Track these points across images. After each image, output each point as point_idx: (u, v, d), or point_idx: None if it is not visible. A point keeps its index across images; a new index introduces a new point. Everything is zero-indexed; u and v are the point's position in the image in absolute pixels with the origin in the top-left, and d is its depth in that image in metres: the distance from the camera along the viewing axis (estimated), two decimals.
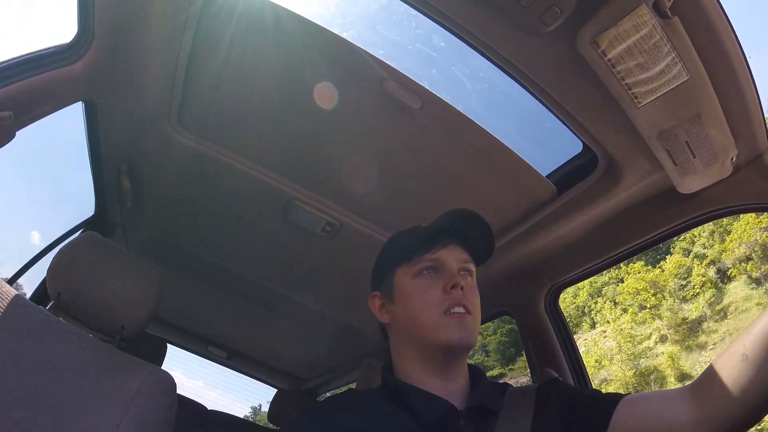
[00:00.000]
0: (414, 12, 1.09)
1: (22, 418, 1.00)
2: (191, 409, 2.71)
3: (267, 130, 1.47)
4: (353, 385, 2.74)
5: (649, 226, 1.41)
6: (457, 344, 0.89)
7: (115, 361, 1.18)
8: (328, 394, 3.37)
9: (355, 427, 0.84)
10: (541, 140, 1.52)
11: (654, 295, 33.38)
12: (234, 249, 2.13)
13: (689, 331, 30.13)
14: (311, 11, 1.16)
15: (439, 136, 1.37)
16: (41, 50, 1.19)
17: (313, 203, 1.69)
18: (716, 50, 0.95)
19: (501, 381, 1.07)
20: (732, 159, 1.12)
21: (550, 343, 1.68)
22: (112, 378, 1.13)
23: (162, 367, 1.57)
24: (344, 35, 1.20)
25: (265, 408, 3.40)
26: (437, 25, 1.11)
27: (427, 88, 1.27)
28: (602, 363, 32.14)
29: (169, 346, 2.73)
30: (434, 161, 1.47)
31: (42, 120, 1.26)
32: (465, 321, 0.90)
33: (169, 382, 1.19)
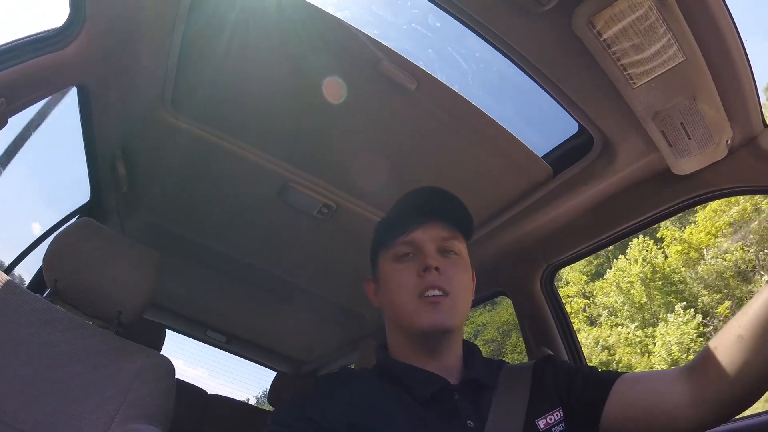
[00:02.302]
0: None
1: (22, 402, 1.01)
2: (191, 393, 2.74)
3: (262, 113, 1.46)
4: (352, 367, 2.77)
5: (644, 207, 1.42)
6: (430, 329, 0.87)
7: (114, 347, 1.19)
8: None
9: (350, 406, 0.84)
10: (537, 121, 1.52)
11: None
12: (231, 232, 2.14)
13: None
14: None
15: (435, 116, 1.37)
16: (32, 35, 1.17)
17: (309, 185, 1.69)
18: (712, 32, 0.95)
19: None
20: (727, 141, 1.12)
21: (546, 323, 1.71)
22: (111, 363, 1.15)
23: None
24: (339, 15, 1.19)
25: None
26: (432, 5, 1.09)
27: (423, 68, 1.26)
28: None
29: (168, 333, 2.74)
30: (430, 142, 1.46)
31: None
32: (440, 304, 0.87)
33: (168, 367, 1.21)
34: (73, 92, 1.42)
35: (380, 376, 0.92)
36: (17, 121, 1.23)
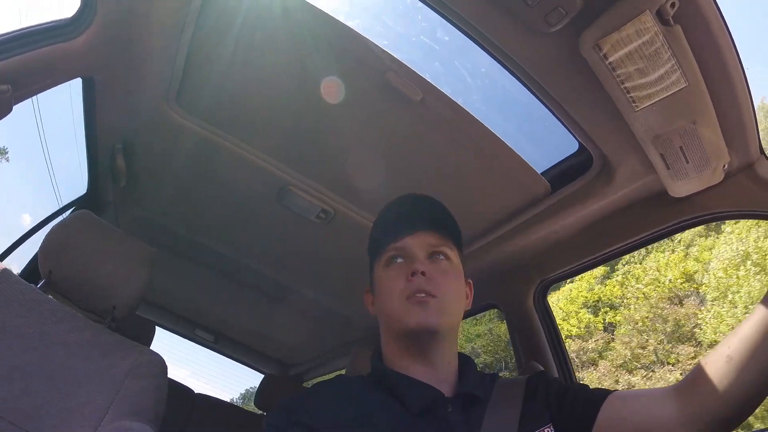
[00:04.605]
0: (419, 4, 1.09)
1: (10, 392, 1.00)
2: (179, 391, 2.71)
3: (266, 115, 1.46)
4: (339, 372, 2.76)
5: (639, 228, 1.44)
6: (417, 328, 0.88)
7: (107, 342, 1.18)
8: (315, 380, 3.39)
9: (344, 414, 0.85)
10: (538, 138, 1.54)
11: None
12: (227, 232, 2.13)
13: None
14: None
15: (438, 128, 1.38)
16: (42, 24, 1.18)
17: (309, 190, 1.69)
18: (715, 60, 0.97)
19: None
20: (724, 166, 1.15)
21: (537, 337, 1.72)
22: (104, 358, 1.14)
23: None
24: (349, 23, 1.20)
25: None
26: (442, 19, 1.11)
27: (429, 80, 1.28)
28: None
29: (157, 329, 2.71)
30: (432, 154, 1.48)
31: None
32: (426, 304, 0.89)
33: (161, 364, 1.20)
34: (78, 83, 1.42)
35: (374, 385, 0.93)
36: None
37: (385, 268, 0.95)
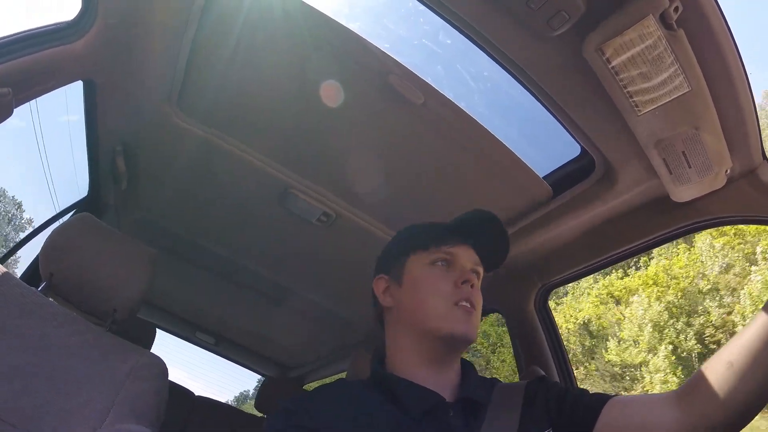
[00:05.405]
0: (422, 8, 1.09)
1: (10, 393, 0.99)
2: (178, 394, 2.71)
3: (267, 117, 1.46)
4: (340, 375, 2.76)
5: (641, 232, 1.43)
6: (461, 336, 0.90)
7: (107, 344, 1.17)
8: (315, 383, 3.39)
9: (343, 415, 0.85)
10: (540, 142, 1.54)
11: None
12: (228, 234, 2.13)
13: None
14: (317, 0, 1.15)
15: (440, 132, 1.38)
16: (42, 27, 1.18)
17: (311, 193, 1.69)
18: (718, 65, 0.97)
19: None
20: (726, 171, 1.14)
21: (539, 342, 1.71)
22: (104, 360, 1.13)
23: None
24: (350, 26, 1.20)
25: None
26: (444, 22, 1.11)
27: (431, 84, 1.27)
28: None
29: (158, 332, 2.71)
30: (433, 157, 1.47)
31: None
32: (471, 315, 0.92)
33: (161, 367, 1.20)
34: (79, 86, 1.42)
35: (374, 389, 0.93)
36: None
37: (429, 266, 0.97)
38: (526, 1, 0.96)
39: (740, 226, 15.10)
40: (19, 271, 1.82)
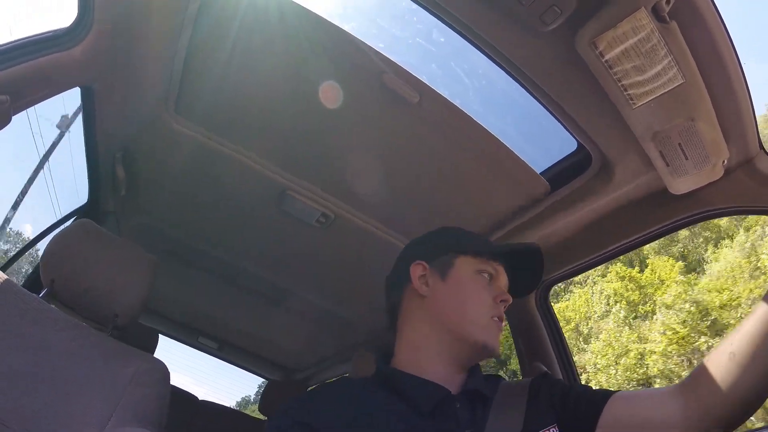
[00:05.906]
0: (414, 7, 1.10)
1: (12, 398, 0.99)
2: (182, 398, 2.71)
3: (264, 119, 1.47)
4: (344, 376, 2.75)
5: (639, 225, 1.43)
6: (491, 348, 0.93)
7: (109, 349, 1.18)
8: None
9: (345, 413, 0.85)
10: (537, 138, 1.54)
11: None
12: (227, 238, 2.13)
13: None
14: (311, 2, 1.16)
15: (436, 130, 1.38)
16: (39, 34, 1.18)
17: (309, 194, 1.69)
18: (712, 56, 0.97)
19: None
20: (723, 162, 1.14)
21: (541, 338, 1.71)
22: (106, 365, 1.14)
23: None
24: (345, 27, 1.20)
25: None
26: (437, 21, 1.11)
27: (426, 82, 1.28)
28: None
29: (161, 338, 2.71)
30: (430, 155, 1.48)
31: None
32: (500, 332, 0.97)
33: (164, 372, 1.20)
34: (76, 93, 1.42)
35: (378, 385, 0.93)
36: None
37: (477, 273, 0.99)
38: None
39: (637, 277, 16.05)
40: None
